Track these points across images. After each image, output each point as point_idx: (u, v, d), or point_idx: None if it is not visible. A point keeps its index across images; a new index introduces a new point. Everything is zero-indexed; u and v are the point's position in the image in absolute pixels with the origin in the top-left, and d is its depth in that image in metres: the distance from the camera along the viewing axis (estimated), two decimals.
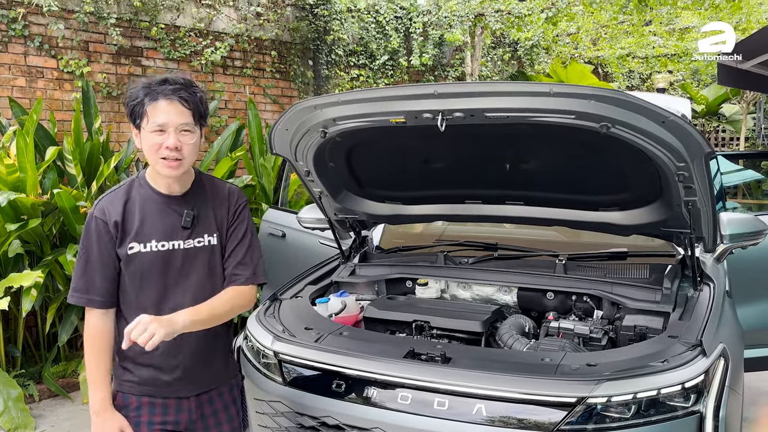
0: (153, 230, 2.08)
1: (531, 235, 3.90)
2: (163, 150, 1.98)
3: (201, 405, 2.22)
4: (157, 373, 2.14)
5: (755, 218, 3.33)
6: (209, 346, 2.23)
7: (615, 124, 2.27)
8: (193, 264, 2.13)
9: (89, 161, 5.15)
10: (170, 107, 1.97)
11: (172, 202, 2.12)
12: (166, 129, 1.98)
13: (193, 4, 6.49)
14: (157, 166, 2.03)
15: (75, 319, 4.70)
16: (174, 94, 1.98)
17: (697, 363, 2.18)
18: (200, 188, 2.19)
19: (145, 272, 2.09)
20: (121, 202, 2.08)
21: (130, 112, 2.01)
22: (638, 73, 12.83)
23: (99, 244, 2.06)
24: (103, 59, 5.90)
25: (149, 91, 1.98)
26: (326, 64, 7.64)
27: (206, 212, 2.17)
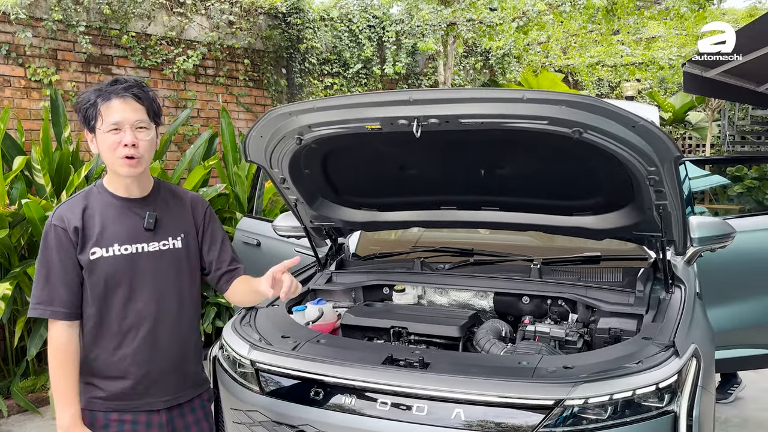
0: (115, 234, 2.05)
1: (504, 240, 3.95)
2: (120, 148, 1.97)
3: (172, 419, 2.17)
4: (128, 384, 2.09)
5: (723, 222, 3.41)
6: (182, 353, 2.20)
7: (587, 129, 2.30)
8: (159, 267, 2.10)
9: (58, 171, 5.06)
10: (124, 105, 1.97)
11: (132, 205, 2.09)
12: (122, 127, 1.97)
13: (164, 12, 6.44)
14: (116, 166, 2.01)
15: (44, 332, 4.60)
16: (126, 91, 1.98)
17: (671, 364, 2.22)
18: (159, 193, 2.18)
19: (109, 278, 2.04)
20: (80, 208, 2.04)
21: (84, 116, 2.00)
22: (607, 81, 13.04)
23: (59, 253, 2.01)
24: (72, 68, 5.82)
25: (101, 92, 1.98)
26: (299, 73, 7.63)
27: (168, 215, 2.15)
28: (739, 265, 4.04)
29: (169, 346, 2.14)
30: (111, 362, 2.07)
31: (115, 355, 2.07)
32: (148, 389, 2.11)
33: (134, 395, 2.10)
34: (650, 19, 7.79)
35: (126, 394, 2.09)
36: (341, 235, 3.58)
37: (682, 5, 7.24)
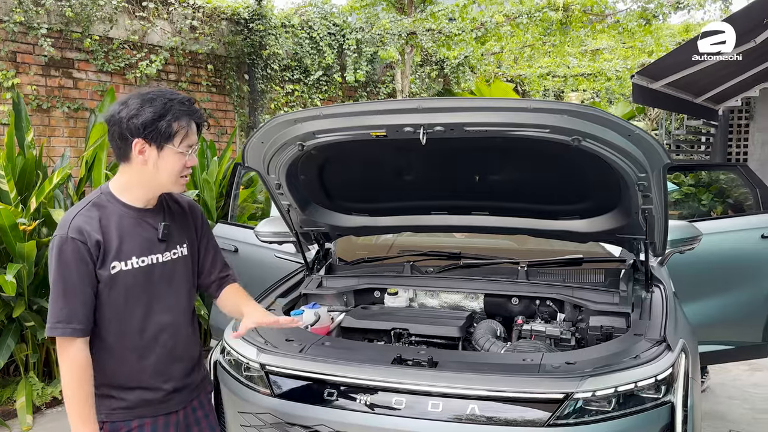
0: (132, 247, 2.01)
1: (485, 243, 4.07)
2: (185, 170, 2.02)
3: (186, 416, 2.19)
4: (148, 392, 2.08)
5: (691, 225, 3.63)
6: (195, 356, 2.23)
7: (585, 138, 2.44)
8: (173, 277, 2.11)
9: (21, 177, 4.92)
10: (195, 129, 2.03)
11: (145, 215, 2.07)
12: (192, 151, 2.04)
13: (126, 16, 6.33)
14: (175, 185, 2.05)
15: (11, 343, 4.46)
16: (201, 119, 2.04)
17: (665, 358, 2.37)
18: (163, 201, 2.16)
19: (129, 291, 2.00)
20: (96, 220, 1.96)
21: (157, 130, 1.91)
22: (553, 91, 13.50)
23: (78, 268, 1.92)
24: (32, 70, 5.66)
25: (177, 111, 1.94)
26: (262, 79, 7.62)
27: (175, 224, 2.15)
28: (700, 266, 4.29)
29: (185, 352, 2.17)
30: (132, 374, 2.05)
31: (137, 367, 2.05)
32: (169, 396, 2.12)
33: (155, 402, 2.10)
34: (601, 32, 8.14)
35: (148, 402, 2.09)
36: (329, 240, 3.62)
37: (631, 20, 7.59)
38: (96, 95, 6.14)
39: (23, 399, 4.47)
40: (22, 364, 4.81)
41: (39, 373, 4.86)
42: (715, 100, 9.87)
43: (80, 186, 5.33)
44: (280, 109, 7.99)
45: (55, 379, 4.89)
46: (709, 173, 9.08)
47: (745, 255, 4.53)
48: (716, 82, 8.91)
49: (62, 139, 5.94)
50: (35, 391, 4.64)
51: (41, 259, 4.68)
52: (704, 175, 9.21)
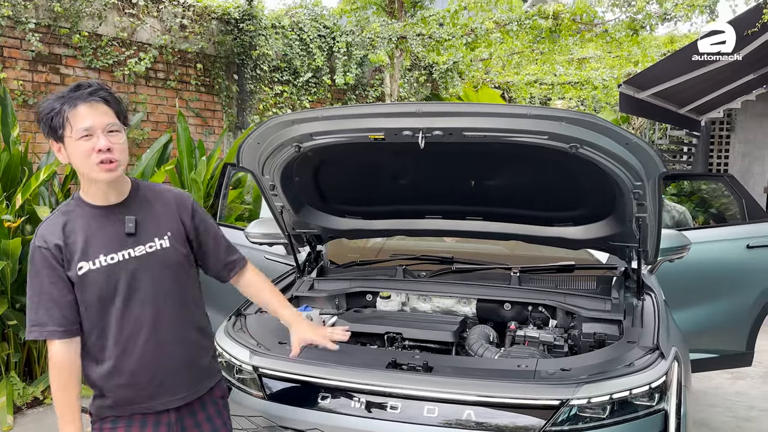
0: (98, 245, 1.99)
1: (475, 248, 4.07)
2: (95, 155, 1.89)
3: (181, 418, 2.13)
4: (135, 390, 2.05)
5: (681, 234, 3.67)
6: (188, 352, 2.14)
7: (583, 145, 2.46)
8: (149, 270, 2.05)
9: (6, 173, 4.84)
10: (92, 110, 1.89)
11: (111, 212, 2.03)
12: (94, 132, 1.89)
13: (115, 12, 6.27)
14: (92, 173, 1.93)
15: None
16: (93, 95, 1.90)
17: (659, 365, 2.38)
18: (139, 194, 2.10)
19: (101, 290, 1.99)
20: (60, 226, 1.98)
21: (49, 127, 1.91)
22: (539, 98, 13.60)
23: (48, 273, 1.96)
24: (18, 66, 5.58)
25: (65, 99, 1.90)
26: (251, 79, 7.58)
27: (151, 216, 2.08)
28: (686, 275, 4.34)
29: (173, 348, 2.09)
30: (116, 372, 2.02)
31: (120, 364, 2.02)
32: (157, 392, 2.07)
33: (142, 399, 2.06)
34: (589, 41, 8.21)
35: (134, 399, 2.05)
36: (321, 242, 3.61)
37: (619, 30, 7.67)
38: None
39: (4, 399, 4.40)
40: (3, 364, 4.72)
41: (20, 373, 4.78)
42: (699, 111, 10.01)
43: (65, 183, 5.26)
44: (268, 110, 7.96)
45: (37, 379, 4.81)
46: (691, 183, 9.21)
47: (730, 265, 4.59)
48: (700, 93, 9.05)
49: None
50: (16, 391, 4.56)
51: (25, 256, 4.60)
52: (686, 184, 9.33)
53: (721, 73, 7.80)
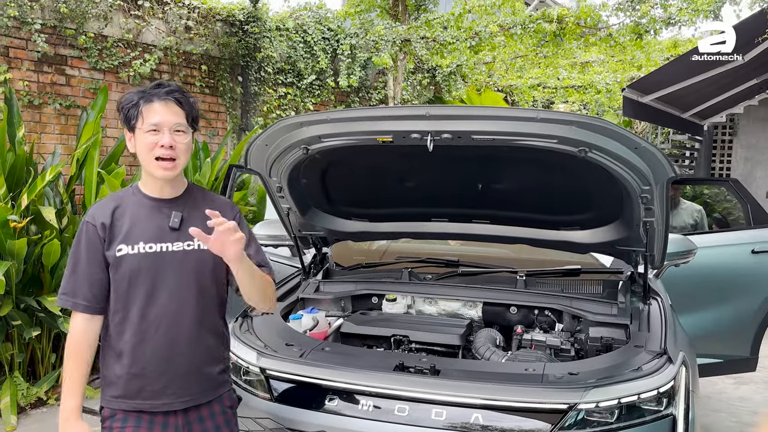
0: (141, 232, 2.08)
1: (480, 251, 4.07)
2: (157, 149, 2.01)
3: (189, 423, 2.13)
4: (146, 382, 2.08)
5: (686, 238, 3.67)
6: (201, 355, 2.16)
7: (592, 149, 2.46)
8: (182, 267, 2.11)
9: (11, 173, 4.84)
10: (164, 108, 2.02)
11: (161, 204, 2.12)
12: (161, 128, 2.01)
13: (121, 14, 6.28)
14: (151, 168, 2.04)
15: None
16: (168, 95, 2.04)
17: (667, 370, 2.38)
18: (191, 195, 2.19)
19: (132, 274, 2.07)
20: (111, 207, 2.10)
21: (125, 115, 2.06)
22: (541, 102, 13.60)
23: (88, 249, 2.07)
24: (24, 66, 5.59)
25: (144, 94, 2.05)
26: (255, 81, 7.58)
27: (196, 217, 2.12)
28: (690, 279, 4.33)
29: (188, 347, 2.12)
30: (130, 359, 2.08)
31: (136, 352, 2.08)
32: (166, 388, 2.09)
33: (152, 394, 2.09)
34: (593, 45, 8.21)
35: (143, 392, 2.08)
36: (326, 244, 3.61)
37: (623, 35, 7.67)
38: (88, 93, 6.07)
39: (8, 399, 4.40)
40: (7, 364, 4.72)
41: (24, 373, 4.78)
42: (701, 115, 10.01)
43: (70, 184, 5.26)
44: (272, 112, 7.96)
45: (40, 380, 4.81)
46: (693, 187, 9.21)
47: (735, 270, 4.59)
48: (703, 98, 9.05)
49: (53, 136, 5.86)
50: (20, 391, 4.56)
51: (30, 257, 4.61)
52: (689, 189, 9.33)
53: (724, 77, 7.80)
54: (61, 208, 4.99)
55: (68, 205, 5.11)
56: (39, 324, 4.67)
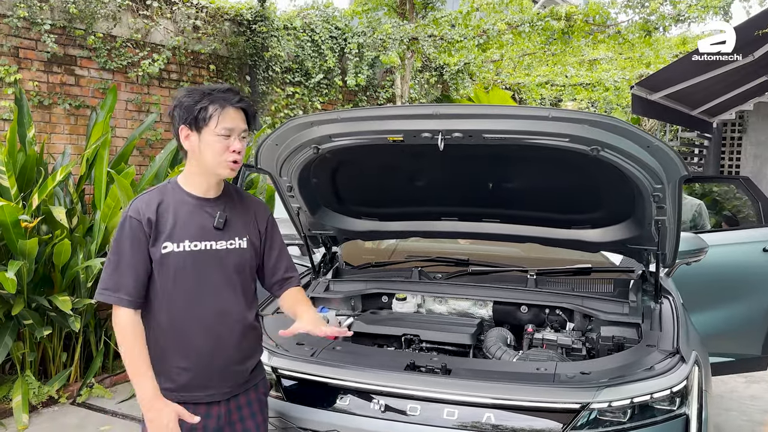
0: (186, 230, 2.13)
1: (490, 250, 4.07)
2: (228, 153, 2.10)
3: (230, 412, 2.21)
4: (192, 375, 2.14)
5: (698, 237, 3.65)
6: (243, 348, 2.24)
7: (604, 148, 2.45)
8: (224, 265, 2.18)
9: (22, 173, 4.87)
10: (237, 115, 2.12)
11: (204, 204, 2.18)
12: (233, 134, 2.10)
13: (130, 14, 6.29)
14: (219, 168, 2.11)
15: (9, 341, 4.41)
16: (242, 103, 2.13)
17: (680, 369, 2.37)
18: (229, 195, 2.26)
19: (178, 272, 2.11)
20: (155, 203, 2.13)
21: (194, 116, 2.09)
22: (549, 99, 13.56)
23: (132, 244, 2.09)
24: (34, 66, 5.61)
25: (215, 97, 2.10)
26: (263, 80, 7.59)
27: (236, 216, 2.23)
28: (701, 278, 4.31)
29: (231, 342, 2.19)
30: (177, 355, 2.13)
31: (182, 348, 2.13)
32: (210, 381, 2.16)
33: (197, 387, 2.15)
34: (601, 42, 8.18)
35: (190, 385, 2.14)
36: (336, 243, 3.61)
37: (632, 32, 7.64)
38: (98, 93, 6.09)
39: (19, 398, 4.42)
40: (18, 363, 4.75)
41: (35, 372, 4.80)
42: (710, 113, 9.96)
43: (80, 184, 5.28)
44: (280, 111, 7.97)
45: (51, 378, 4.84)
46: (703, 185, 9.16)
47: (746, 268, 4.57)
48: (712, 95, 9.00)
49: (63, 136, 5.88)
50: (32, 390, 4.59)
51: (41, 256, 4.63)
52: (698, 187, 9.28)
53: (732, 75, 7.76)
54: (71, 208, 5.02)
55: (78, 204, 5.13)
56: (50, 323, 4.69)
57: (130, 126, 6.37)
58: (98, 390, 4.94)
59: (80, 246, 4.78)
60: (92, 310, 5.04)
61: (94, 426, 4.45)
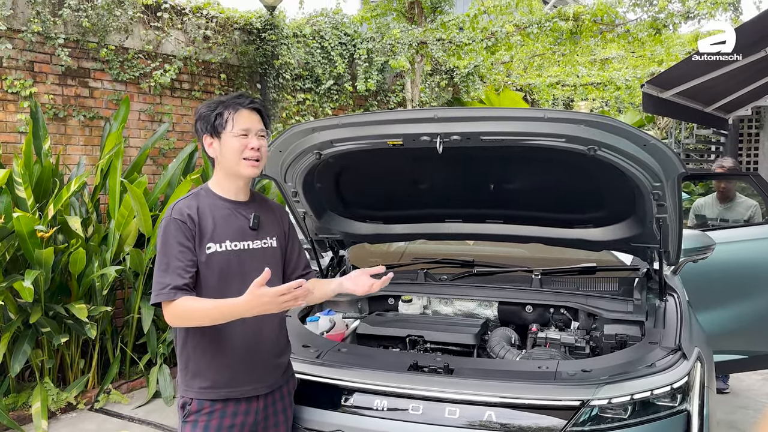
0: (226, 231, 2.24)
1: (497, 251, 4.09)
2: (247, 151, 2.21)
3: (266, 406, 2.29)
4: (233, 373, 2.22)
5: (704, 234, 3.64)
6: (280, 344, 2.36)
7: (601, 147, 2.47)
8: (262, 263, 2.24)
9: (38, 184, 4.98)
10: (251, 115, 2.25)
11: (238, 207, 2.30)
12: (249, 133, 2.22)
13: (141, 26, 6.41)
14: (240, 167, 2.22)
15: (27, 349, 4.52)
16: (253, 105, 2.26)
17: (681, 366, 2.38)
18: (256, 200, 2.40)
19: (222, 271, 2.21)
20: (195, 206, 2.23)
21: (212, 124, 2.22)
22: (562, 100, 13.52)
23: (178, 243, 2.16)
24: (48, 80, 5.74)
25: (229, 104, 2.24)
26: (274, 88, 7.68)
27: (265, 218, 2.36)
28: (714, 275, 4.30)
29: (270, 337, 2.32)
30: (221, 352, 2.21)
31: (226, 345, 2.21)
32: (250, 378, 2.25)
33: (240, 383, 2.23)
34: (611, 42, 8.16)
35: (231, 382, 2.22)
36: (343, 247, 3.66)
37: (641, 30, 7.61)
38: (111, 104, 6.21)
39: (38, 404, 4.52)
40: (37, 370, 4.86)
41: (54, 379, 4.90)
42: (725, 109, 9.86)
43: (95, 194, 5.39)
44: (291, 117, 8.05)
45: (70, 385, 4.93)
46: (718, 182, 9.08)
47: (758, 264, 4.54)
48: (726, 91, 8.91)
49: (78, 147, 6.01)
50: (50, 397, 4.68)
51: (58, 265, 4.73)
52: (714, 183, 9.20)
53: (746, 70, 7.68)
54: (86, 218, 5.12)
55: (93, 214, 5.24)
56: (67, 331, 4.79)
57: (143, 136, 6.48)
58: (115, 396, 5.02)
59: (95, 255, 4.88)
60: (108, 317, 5.13)
61: (111, 431, 4.53)
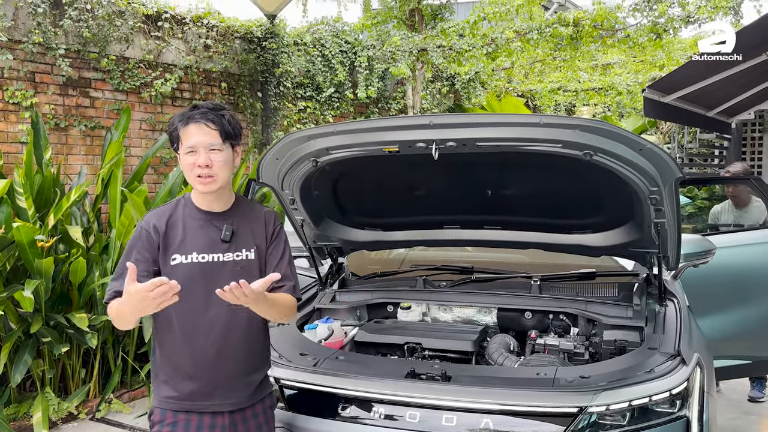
0: (194, 243, 2.20)
1: (496, 257, 4.07)
2: (196, 168, 2.15)
3: (234, 423, 2.23)
4: (197, 385, 2.18)
5: (704, 239, 3.63)
6: (249, 360, 2.27)
7: (597, 152, 2.46)
8: (233, 276, 2.15)
9: (39, 194, 5.00)
10: (198, 130, 2.14)
11: (212, 218, 2.25)
12: (197, 149, 2.14)
13: (142, 35, 6.44)
14: (195, 184, 2.19)
15: (28, 359, 4.51)
16: (201, 117, 2.15)
17: (680, 372, 2.36)
18: (239, 208, 2.32)
19: (186, 283, 2.13)
20: (166, 216, 2.23)
21: (171, 140, 2.22)
22: (564, 105, 13.51)
23: (138, 250, 2.17)
24: (50, 90, 5.77)
25: (182, 117, 2.18)
26: (275, 96, 7.70)
27: (244, 229, 2.27)
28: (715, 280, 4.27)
29: (238, 353, 2.24)
30: (184, 363, 2.18)
31: (188, 356, 2.18)
32: (215, 392, 2.20)
33: (202, 396, 2.19)
34: (611, 47, 8.16)
35: (194, 394, 2.19)
36: (342, 254, 3.65)
37: (641, 35, 7.61)
38: (112, 114, 6.24)
39: (39, 414, 4.50)
40: (38, 380, 4.85)
41: (55, 389, 4.90)
42: (728, 113, 9.84)
43: (96, 203, 5.40)
44: (292, 125, 8.07)
45: (71, 395, 4.93)
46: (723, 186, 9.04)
47: (760, 269, 4.51)
48: (729, 95, 8.89)
49: (79, 156, 6.03)
50: (51, 406, 4.67)
51: (58, 275, 4.74)
52: (717, 188, 9.16)
53: (748, 73, 7.67)
54: (87, 227, 5.13)
55: (94, 223, 5.24)
56: (68, 340, 4.79)
57: (144, 145, 6.50)
58: (117, 405, 5.02)
59: (96, 264, 4.88)
60: (109, 326, 5.13)
61: None
